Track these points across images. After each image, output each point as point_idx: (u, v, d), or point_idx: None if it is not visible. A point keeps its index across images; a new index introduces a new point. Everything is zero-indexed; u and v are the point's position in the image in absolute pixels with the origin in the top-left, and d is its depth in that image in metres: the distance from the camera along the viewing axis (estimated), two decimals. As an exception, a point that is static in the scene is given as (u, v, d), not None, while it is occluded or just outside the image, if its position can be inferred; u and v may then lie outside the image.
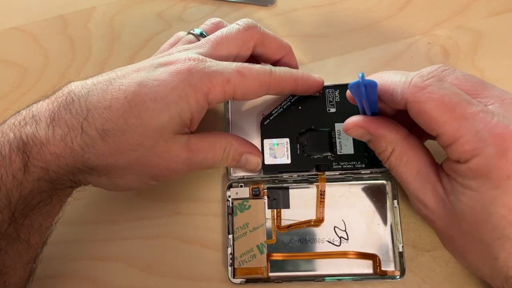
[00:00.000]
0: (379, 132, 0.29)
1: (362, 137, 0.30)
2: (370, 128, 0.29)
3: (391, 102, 0.28)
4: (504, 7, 0.38)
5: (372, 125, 0.29)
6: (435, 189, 0.27)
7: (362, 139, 0.30)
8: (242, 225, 0.34)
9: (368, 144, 0.30)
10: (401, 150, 0.28)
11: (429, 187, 0.28)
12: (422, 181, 0.28)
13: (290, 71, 0.32)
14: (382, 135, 0.29)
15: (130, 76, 0.29)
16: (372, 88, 0.26)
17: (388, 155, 0.29)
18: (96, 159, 0.28)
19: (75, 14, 0.43)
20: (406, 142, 0.28)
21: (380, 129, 0.29)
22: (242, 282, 0.33)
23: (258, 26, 0.33)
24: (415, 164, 0.28)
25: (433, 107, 0.25)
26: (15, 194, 0.27)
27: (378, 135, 0.29)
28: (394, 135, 0.28)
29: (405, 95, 0.26)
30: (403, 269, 0.32)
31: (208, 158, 0.31)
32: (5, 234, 0.28)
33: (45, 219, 0.30)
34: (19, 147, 0.27)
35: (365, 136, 0.30)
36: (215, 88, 0.29)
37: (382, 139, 0.29)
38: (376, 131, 0.29)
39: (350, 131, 0.30)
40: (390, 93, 0.27)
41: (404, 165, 0.28)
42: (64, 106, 0.28)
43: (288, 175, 0.34)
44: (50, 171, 0.28)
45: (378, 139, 0.29)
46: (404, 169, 0.28)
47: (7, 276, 0.29)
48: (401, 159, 0.28)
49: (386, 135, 0.29)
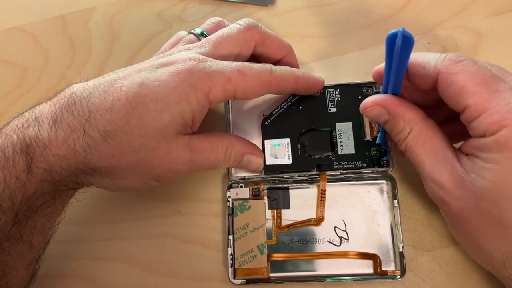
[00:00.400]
0: (398, 111, 0.28)
1: (380, 117, 0.29)
2: (389, 106, 0.29)
3: (420, 76, 0.28)
4: (504, 7, 0.38)
5: (392, 103, 0.29)
6: (454, 169, 0.27)
7: (380, 119, 0.30)
8: (242, 225, 0.34)
9: (385, 126, 0.30)
10: (419, 130, 0.28)
11: (447, 167, 0.27)
12: (440, 161, 0.27)
13: (291, 70, 0.32)
14: (401, 114, 0.28)
15: (131, 77, 0.29)
16: (408, 43, 0.25)
17: (405, 136, 0.28)
18: (98, 160, 0.28)
19: (75, 14, 0.42)
20: (425, 123, 0.28)
21: (399, 108, 0.28)
22: (243, 283, 0.33)
23: (259, 25, 0.33)
24: (433, 145, 0.28)
25: (466, 78, 0.25)
26: (18, 195, 0.27)
27: (397, 114, 0.28)
28: (413, 115, 0.28)
29: (439, 67, 0.26)
30: (403, 269, 0.32)
31: (210, 159, 0.31)
32: (8, 235, 0.28)
33: (47, 220, 0.30)
34: (22, 149, 0.27)
35: (383, 116, 0.29)
36: (216, 88, 0.29)
37: (400, 119, 0.28)
38: (396, 110, 0.28)
39: (368, 109, 0.29)
40: (423, 66, 0.27)
41: (422, 146, 0.28)
42: (66, 108, 0.28)
43: (289, 175, 0.34)
44: (53, 173, 0.28)
45: (396, 119, 0.28)
46: (421, 150, 0.28)
47: (10, 277, 0.29)
48: (419, 140, 0.28)
49: (405, 114, 0.28)
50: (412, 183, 0.35)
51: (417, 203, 0.34)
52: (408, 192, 0.35)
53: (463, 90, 0.26)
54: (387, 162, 0.33)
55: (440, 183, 0.27)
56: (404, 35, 0.25)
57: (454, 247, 0.33)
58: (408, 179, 0.35)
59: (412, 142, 0.28)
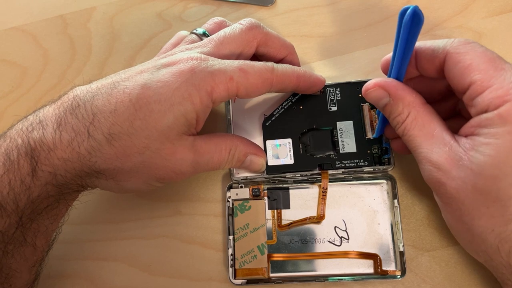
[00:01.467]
0: (399, 94, 0.29)
1: (380, 99, 0.30)
2: (390, 89, 0.29)
3: (429, 59, 0.28)
4: (504, 7, 0.38)
5: (393, 86, 0.29)
6: (452, 150, 0.27)
7: (380, 102, 0.30)
8: (242, 225, 0.34)
9: (384, 110, 0.30)
10: (417, 113, 0.28)
11: (445, 149, 0.27)
12: (437, 143, 0.28)
13: (292, 68, 0.32)
14: (401, 97, 0.29)
15: (134, 78, 0.29)
16: (418, 21, 0.25)
17: (403, 119, 0.29)
18: (103, 162, 0.28)
19: (75, 14, 0.42)
20: (423, 107, 0.29)
21: (400, 91, 0.29)
22: (243, 283, 0.33)
23: (261, 25, 0.33)
24: (431, 128, 0.28)
25: (474, 57, 0.26)
26: (23, 198, 0.27)
27: (397, 97, 0.29)
28: (413, 98, 0.29)
29: (447, 48, 0.27)
30: (403, 268, 0.32)
31: (213, 160, 0.31)
32: (12, 238, 0.28)
33: (51, 223, 0.30)
34: (27, 152, 0.27)
35: (383, 99, 0.30)
36: (218, 87, 0.29)
37: (400, 102, 0.29)
38: (396, 92, 0.29)
39: (370, 91, 0.30)
40: (431, 49, 0.28)
41: (419, 129, 0.28)
42: (70, 111, 0.28)
43: (291, 175, 0.34)
44: (58, 176, 0.28)
45: (396, 101, 0.29)
46: (418, 133, 0.28)
47: (13, 279, 0.29)
48: (417, 123, 0.28)
49: (405, 97, 0.29)
50: (413, 183, 0.35)
51: (417, 203, 0.34)
52: (408, 192, 0.35)
53: (470, 67, 0.26)
54: (388, 160, 0.34)
55: (437, 164, 0.27)
56: (414, 11, 0.25)
57: (454, 247, 0.33)
58: (409, 178, 0.35)
59: (410, 125, 0.29)
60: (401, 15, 0.26)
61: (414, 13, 0.25)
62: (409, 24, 0.26)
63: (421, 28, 0.26)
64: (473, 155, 0.26)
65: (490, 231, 0.26)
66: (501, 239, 0.26)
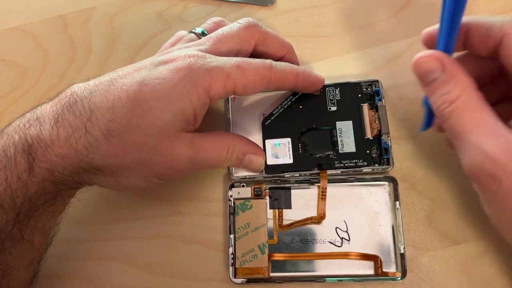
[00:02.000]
0: (454, 70, 0.27)
1: (432, 73, 0.27)
2: (447, 63, 0.27)
3: (482, 38, 0.26)
4: (504, 7, 0.38)
5: (449, 61, 0.27)
6: (509, 141, 0.25)
7: (429, 76, 0.27)
8: (243, 225, 0.34)
9: (431, 86, 0.28)
10: (469, 97, 0.26)
11: (500, 140, 0.25)
12: (491, 133, 0.25)
13: (291, 67, 0.32)
14: (456, 74, 0.27)
15: (131, 75, 0.29)
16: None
17: (453, 99, 0.26)
18: (101, 159, 0.28)
19: (75, 14, 0.42)
20: (475, 92, 0.26)
21: (456, 68, 0.27)
22: (243, 282, 0.33)
23: (259, 25, 0.33)
24: (484, 115, 0.26)
25: None
26: (20, 195, 0.27)
27: (452, 74, 0.27)
28: (467, 79, 0.27)
29: (505, 27, 0.25)
30: (404, 270, 0.32)
31: (212, 157, 0.31)
32: (9, 235, 0.28)
33: (48, 220, 0.30)
34: (24, 148, 0.27)
35: (435, 73, 0.27)
36: (215, 84, 0.29)
37: (453, 80, 0.27)
38: (452, 68, 0.27)
39: (423, 60, 0.27)
40: (485, 27, 0.26)
41: (470, 114, 0.26)
42: (68, 108, 0.28)
43: (290, 174, 0.34)
44: (55, 172, 0.28)
45: (449, 78, 0.27)
46: (470, 118, 0.26)
47: (11, 276, 0.29)
48: (468, 106, 0.26)
49: (460, 76, 0.27)
50: (413, 182, 0.35)
51: (417, 203, 0.34)
52: (408, 192, 0.35)
53: None
54: (387, 161, 0.33)
55: (493, 155, 0.25)
56: None
57: (454, 247, 0.33)
58: (409, 179, 0.35)
59: (462, 108, 0.26)
60: None
61: None
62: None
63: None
64: None
65: None
66: None
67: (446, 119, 0.27)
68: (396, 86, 0.37)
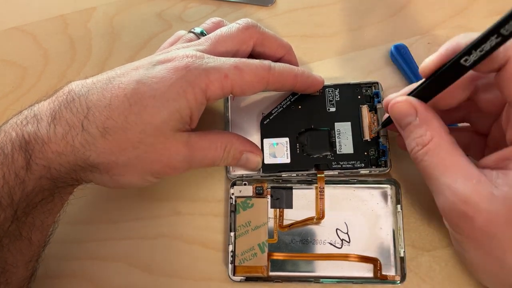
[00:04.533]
0: (427, 115, 0.28)
1: (406, 117, 0.28)
2: (419, 108, 0.28)
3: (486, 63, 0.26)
4: (504, 7, 0.38)
5: (422, 106, 0.28)
6: (480, 182, 0.25)
7: (404, 119, 0.29)
8: (244, 223, 0.34)
9: (404, 129, 0.29)
10: (442, 140, 0.27)
11: (471, 181, 0.26)
12: (462, 175, 0.26)
13: (290, 68, 0.32)
14: (429, 119, 0.28)
15: (129, 74, 0.29)
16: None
17: (425, 142, 0.27)
18: (97, 156, 0.28)
19: (75, 14, 0.43)
20: (447, 136, 0.27)
21: (428, 113, 0.28)
22: (242, 280, 0.33)
23: (258, 25, 0.33)
24: (455, 157, 0.27)
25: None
26: (17, 192, 0.27)
27: (424, 119, 0.28)
28: (440, 124, 0.28)
29: (509, 52, 0.25)
30: (403, 274, 0.32)
31: (208, 156, 0.31)
32: (8, 232, 0.28)
33: (46, 217, 0.30)
34: (21, 145, 0.27)
35: (410, 117, 0.28)
36: (213, 84, 0.29)
37: (425, 124, 0.27)
38: (425, 113, 0.28)
39: (398, 104, 0.29)
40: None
41: (442, 157, 0.27)
42: (65, 105, 0.28)
43: (287, 174, 0.34)
44: (52, 169, 0.28)
45: (422, 123, 0.28)
46: (441, 161, 0.27)
47: (9, 274, 0.29)
48: (441, 150, 0.27)
49: (432, 121, 0.28)
50: (412, 183, 0.34)
51: (417, 203, 0.34)
52: (408, 192, 0.35)
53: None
54: (385, 163, 0.33)
55: (465, 196, 0.26)
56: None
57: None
58: (408, 179, 0.35)
59: (433, 151, 0.27)
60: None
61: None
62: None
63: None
64: (507, 190, 0.25)
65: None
66: None
67: (419, 161, 0.28)
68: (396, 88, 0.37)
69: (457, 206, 0.26)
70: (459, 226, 0.27)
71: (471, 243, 0.27)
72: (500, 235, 0.25)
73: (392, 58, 0.37)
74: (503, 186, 0.25)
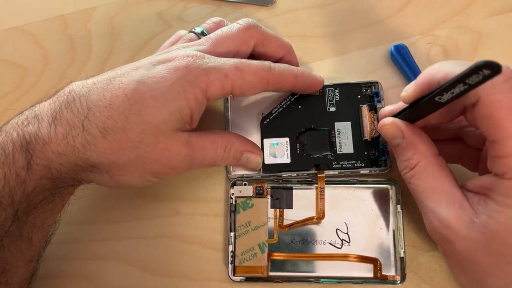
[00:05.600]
0: (413, 139, 0.28)
1: (394, 139, 0.29)
2: (406, 131, 0.28)
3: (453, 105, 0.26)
4: (504, 7, 0.38)
5: (409, 129, 0.29)
6: (462, 208, 0.26)
7: (392, 141, 0.29)
8: (244, 223, 0.34)
9: (394, 150, 0.30)
10: (428, 164, 0.28)
11: (454, 206, 0.26)
12: (446, 199, 0.27)
13: (290, 68, 0.32)
14: (415, 143, 0.28)
15: (130, 74, 0.29)
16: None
17: (412, 166, 0.28)
18: (98, 156, 0.28)
19: (75, 14, 0.43)
20: (435, 158, 0.28)
21: (415, 136, 0.28)
22: (242, 280, 0.33)
23: (259, 25, 0.33)
24: (441, 181, 0.27)
25: (506, 115, 0.24)
26: (18, 192, 0.27)
27: (411, 142, 0.28)
28: (426, 147, 0.28)
29: (479, 91, 0.24)
30: (403, 274, 0.32)
31: (208, 156, 0.31)
32: (8, 232, 0.28)
33: (47, 217, 0.30)
34: (22, 146, 0.28)
35: (397, 139, 0.29)
36: (213, 84, 0.29)
37: (412, 148, 0.28)
38: (411, 137, 0.28)
39: (385, 127, 0.29)
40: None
41: (429, 180, 0.28)
42: (66, 105, 0.28)
43: (287, 174, 0.34)
44: (53, 169, 0.28)
45: (408, 146, 0.28)
46: (427, 184, 0.28)
47: (10, 274, 0.29)
48: (427, 174, 0.28)
49: (418, 144, 0.28)
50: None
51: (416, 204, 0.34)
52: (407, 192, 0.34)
53: (500, 127, 0.24)
54: (385, 163, 0.33)
55: (446, 221, 0.26)
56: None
57: (454, 247, 0.33)
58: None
59: (419, 175, 0.28)
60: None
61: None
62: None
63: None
64: (485, 220, 0.25)
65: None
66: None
67: (407, 183, 0.29)
68: (396, 87, 0.37)
69: (440, 230, 0.27)
70: (442, 247, 0.28)
71: (455, 262, 0.28)
72: (480, 260, 0.26)
73: (392, 58, 0.37)
74: (482, 215, 0.25)
